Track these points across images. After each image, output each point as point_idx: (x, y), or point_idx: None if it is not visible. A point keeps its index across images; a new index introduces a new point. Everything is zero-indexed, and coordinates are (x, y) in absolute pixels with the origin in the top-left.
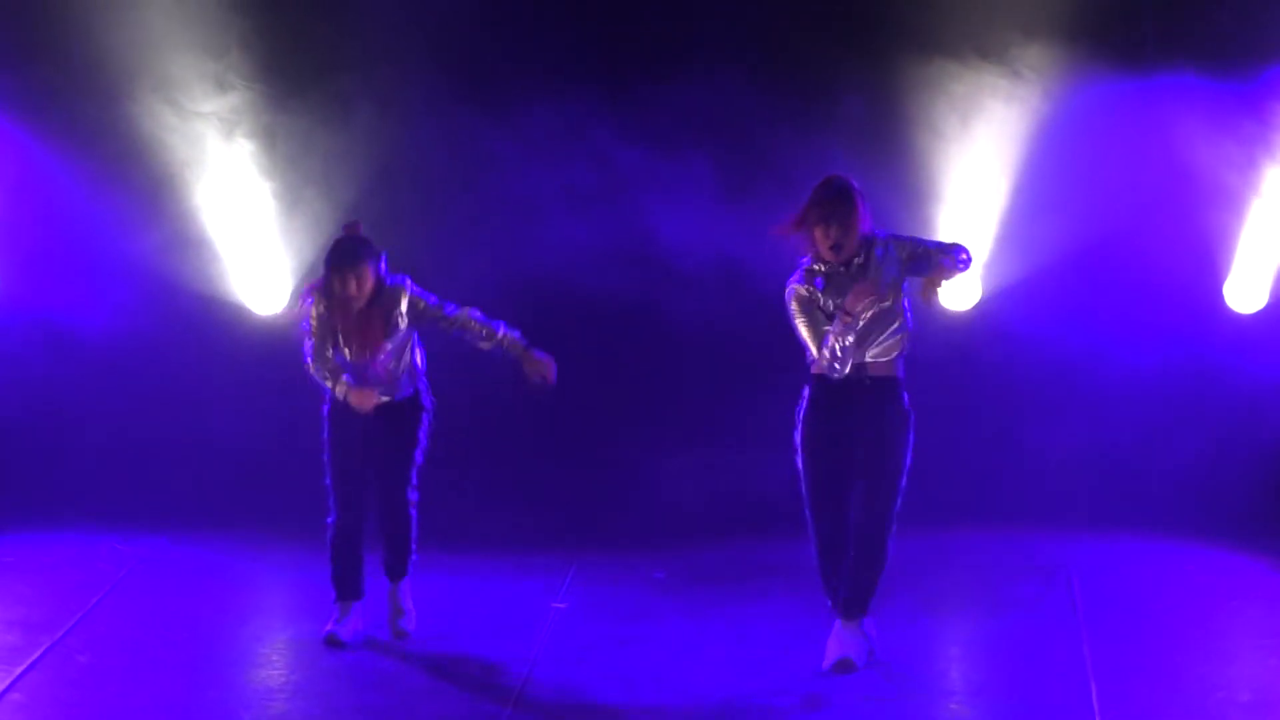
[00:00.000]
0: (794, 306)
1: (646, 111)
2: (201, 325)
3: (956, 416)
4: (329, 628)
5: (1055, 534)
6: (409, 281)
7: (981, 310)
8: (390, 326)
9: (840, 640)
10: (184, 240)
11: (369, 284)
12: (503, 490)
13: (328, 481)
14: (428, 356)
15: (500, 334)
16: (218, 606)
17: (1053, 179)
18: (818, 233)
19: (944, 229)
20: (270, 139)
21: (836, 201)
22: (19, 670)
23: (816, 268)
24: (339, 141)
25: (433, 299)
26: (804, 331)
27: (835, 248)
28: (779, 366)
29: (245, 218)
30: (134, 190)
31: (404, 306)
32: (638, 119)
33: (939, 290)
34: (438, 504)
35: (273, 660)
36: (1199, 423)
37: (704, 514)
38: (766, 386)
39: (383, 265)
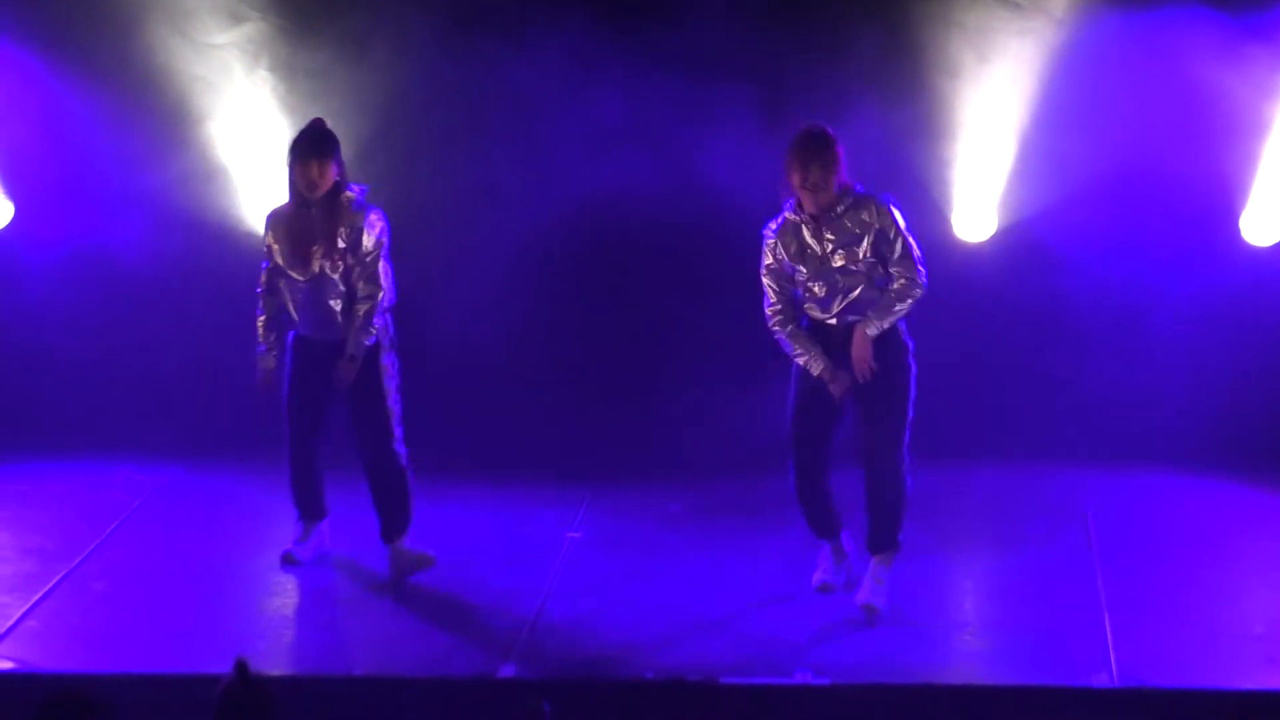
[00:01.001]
0: (766, 259)
1: (662, 46)
2: (217, 255)
3: (970, 351)
4: (288, 547)
5: (1070, 469)
6: (373, 214)
7: (997, 243)
8: (330, 238)
9: (869, 584)
10: (198, 171)
11: (328, 179)
12: (518, 420)
13: (284, 409)
14: (437, 280)
15: (357, 327)
16: (233, 536)
17: (1067, 111)
18: (796, 177)
19: (961, 162)
20: (285, 72)
21: (814, 145)
22: (35, 598)
23: (794, 217)
24: (354, 75)
25: (371, 248)
26: (766, 283)
27: (814, 189)
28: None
29: (259, 149)
30: (149, 122)
31: (352, 226)
32: (653, 53)
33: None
34: (452, 434)
35: (287, 590)
36: (1216, 358)
37: (720, 447)
38: None
39: (343, 175)
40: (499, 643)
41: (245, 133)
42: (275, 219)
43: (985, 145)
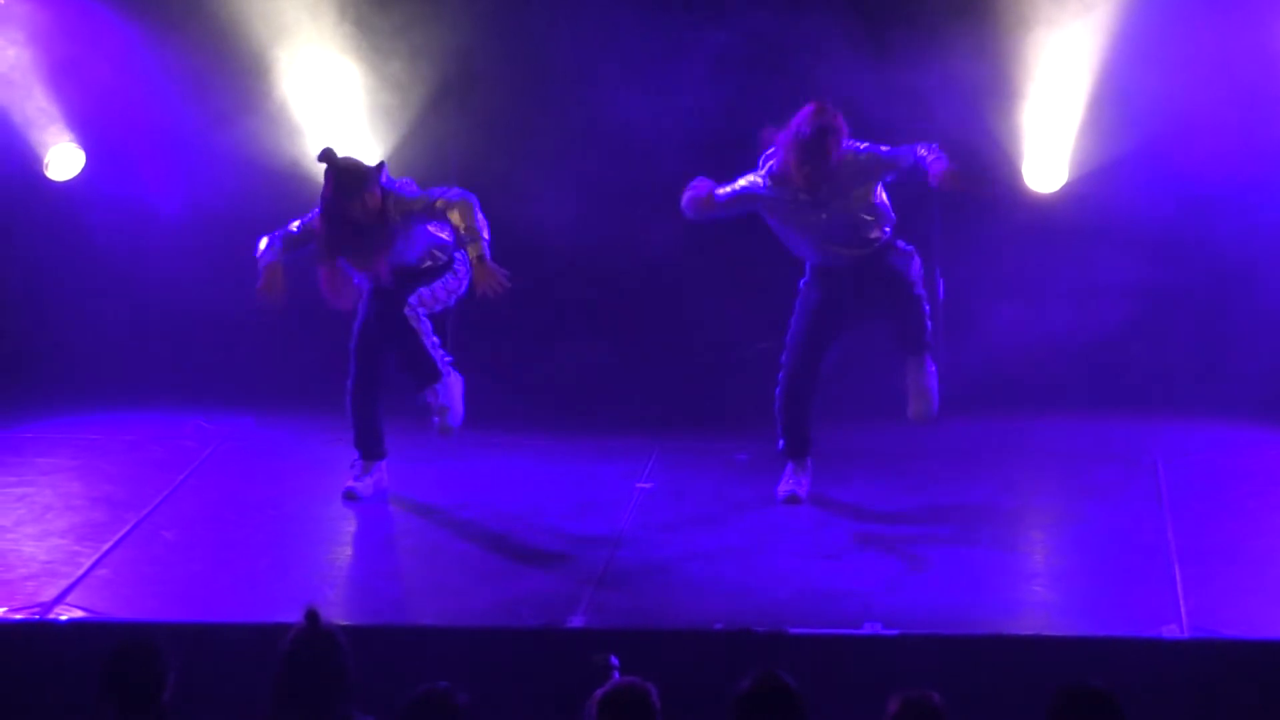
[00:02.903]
0: (745, 188)
1: (733, 17)
2: (289, 208)
3: (1039, 300)
4: (348, 483)
5: (1140, 419)
6: (397, 187)
7: (1066, 193)
8: (389, 238)
9: (914, 385)
10: (274, 125)
11: (376, 202)
12: (586, 372)
13: (350, 345)
14: (507, 231)
15: (467, 232)
16: (302, 486)
17: (1140, 63)
18: (794, 168)
19: (1032, 114)
20: (362, 26)
21: (819, 148)
22: (106, 547)
23: (781, 183)
24: (430, 24)
25: (418, 195)
26: (737, 189)
27: (810, 185)
28: None
29: (336, 104)
30: (227, 77)
31: (398, 216)
32: (727, 12)
33: (956, 182)
34: (521, 386)
35: (356, 540)
36: None
37: None
38: None
39: (384, 178)
40: (568, 593)
41: (322, 88)
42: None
43: (1056, 97)
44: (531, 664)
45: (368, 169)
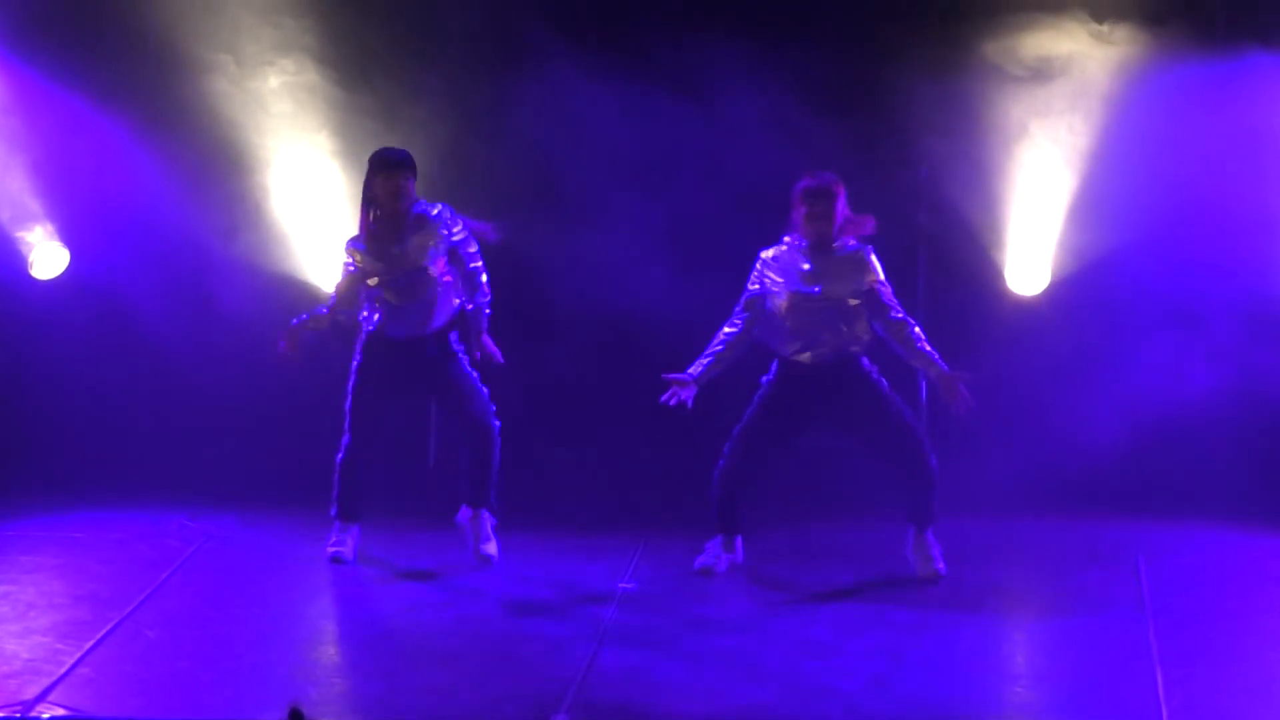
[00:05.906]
0: (757, 267)
1: (722, 105)
2: (272, 305)
3: (1022, 402)
4: (332, 548)
5: (1122, 521)
6: (444, 208)
7: (1049, 295)
8: (424, 245)
9: (920, 554)
10: (254, 223)
11: (410, 194)
12: (570, 471)
13: (347, 405)
14: (494, 321)
15: (477, 299)
16: (285, 584)
17: (1119, 167)
18: (804, 209)
19: (1015, 217)
20: (338, 116)
21: (821, 189)
22: (88, 645)
23: (785, 246)
24: (411, 117)
25: (461, 229)
26: (750, 288)
27: (814, 219)
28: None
29: (312, 196)
30: (202, 169)
31: (437, 228)
32: (720, 101)
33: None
34: (506, 483)
35: (340, 638)
36: (1270, 408)
37: (772, 498)
38: None
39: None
40: (551, 693)
41: (296, 180)
42: (359, 241)
43: (1038, 200)
44: None
45: (409, 158)
